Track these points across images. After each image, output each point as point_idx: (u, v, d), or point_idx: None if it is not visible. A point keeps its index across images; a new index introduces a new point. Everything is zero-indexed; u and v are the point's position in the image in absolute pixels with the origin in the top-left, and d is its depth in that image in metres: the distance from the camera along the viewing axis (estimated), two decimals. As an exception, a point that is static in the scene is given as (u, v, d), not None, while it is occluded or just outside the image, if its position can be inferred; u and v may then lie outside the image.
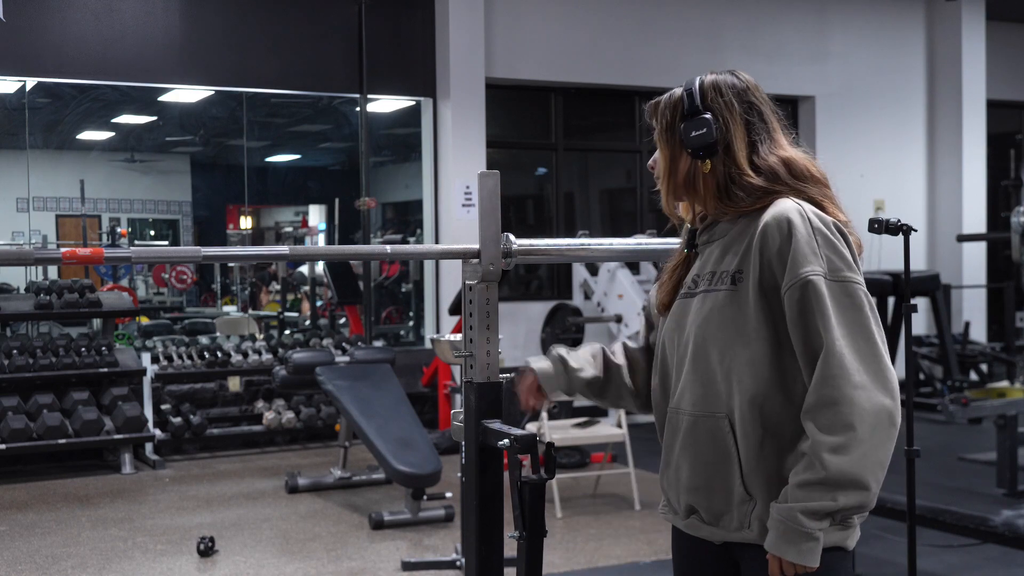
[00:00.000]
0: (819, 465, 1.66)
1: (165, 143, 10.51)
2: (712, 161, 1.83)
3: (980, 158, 10.33)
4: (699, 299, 1.84)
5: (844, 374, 1.65)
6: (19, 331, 7.81)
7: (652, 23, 9.09)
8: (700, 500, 1.84)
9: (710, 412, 1.80)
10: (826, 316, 1.67)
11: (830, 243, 1.73)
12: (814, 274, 1.69)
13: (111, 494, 6.12)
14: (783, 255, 1.72)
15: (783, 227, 1.73)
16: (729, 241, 1.84)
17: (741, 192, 1.81)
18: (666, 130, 1.88)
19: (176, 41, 7.65)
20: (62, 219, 9.81)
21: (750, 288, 1.75)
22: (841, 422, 1.65)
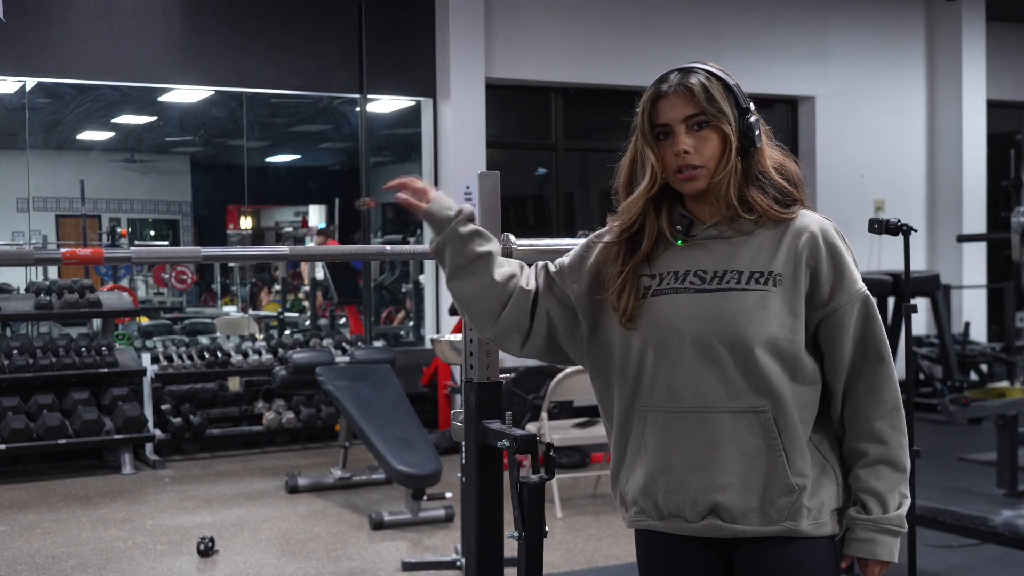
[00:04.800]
0: (903, 467, 1.83)
1: (165, 143, 10.51)
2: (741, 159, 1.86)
3: (980, 158, 10.33)
4: (726, 296, 1.81)
5: (896, 382, 1.86)
6: (19, 331, 7.81)
7: (652, 23, 9.09)
8: (729, 498, 1.81)
9: (750, 407, 1.79)
10: (879, 327, 1.84)
11: (856, 258, 1.88)
12: (865, 290, 1.84)
13: (111, 494, 6.12)
14: (835, 270, 1.82)
15: (830, 242, 1.84)
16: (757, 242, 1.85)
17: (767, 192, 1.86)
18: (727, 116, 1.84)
19: (176, 41, 7.65)
20: (62, 219, 9.82)
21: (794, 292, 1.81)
22: (903, 426, 1.85)
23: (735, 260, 1.83)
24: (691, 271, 1.85)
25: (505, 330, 1.99)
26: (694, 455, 1.81)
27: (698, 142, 1.83)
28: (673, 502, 1.84)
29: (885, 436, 1.83)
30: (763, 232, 1.84)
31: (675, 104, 1.84)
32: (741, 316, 1.79)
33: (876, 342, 1.84)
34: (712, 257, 1.85)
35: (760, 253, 1.83)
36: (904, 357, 3.43)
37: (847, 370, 1.84)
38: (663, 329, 1.83)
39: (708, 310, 1.81)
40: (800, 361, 1.81)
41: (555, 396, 5.71)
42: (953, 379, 8.51)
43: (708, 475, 1.81)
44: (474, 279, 1.97)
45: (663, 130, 1.85)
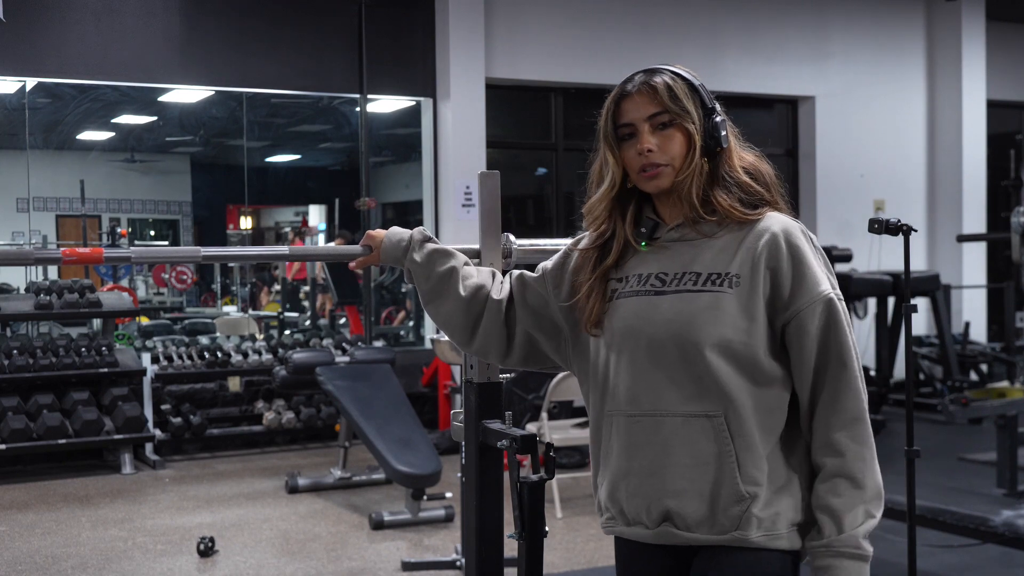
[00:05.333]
0: (862, 482, 1.73)
1: (165, 143, 10.51)
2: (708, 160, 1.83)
3: (980, 158, 10.33)
4: (680, 297, 1.78)
5: (860, 391, 1.76)
6: (19, 331, 7.81)
7: (652, 23, 9.09)
8: (682, 504, 1.76)
9: (703, 411, 1.75)
10: (844, 332, 1.76)
11: (827, 262, 1.81)
12: (828, 293, 1.76)
13: (111, 494, 6.12)
14: (796, 272, 1.76)
15: (792, 243, 1.77)
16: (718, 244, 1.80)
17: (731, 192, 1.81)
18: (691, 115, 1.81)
19: (176, 41, 7.65)
20: (62, 219, 9.82)
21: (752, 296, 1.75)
22: (867, 437, 1.75)
23: (695, 262, 1.80)
24: (654, 274, 1.83)
25: (484, 344, 2.01)
26: (649, 460, 1.78)
27: (662, 141, 1.80)
28: (634, 508, 1.81)
29: (843, 448, 1.73)
30: (726, 234, 1.80)
31: (639, 103, 1.81)
32: (693, 317, 1.75)
33: (839, 347, 1.76)
34: (674, 259, 1.83)
35: (721, 255, 1.79)
36: (904, 357, 3.43)
37: (810, 377, 1.76)
38: (622, 332, 1.82)
39: (664, 312, 1.79)
40: (758, 364, 1.75)
41: (555, 396, 5.71)
42: (953, 379, 8.50)
43: (662, 480, 1.77)
44: (443, 299, 2.02)
45: (628, 130, 1.83)
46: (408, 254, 2.07)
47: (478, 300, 2.00)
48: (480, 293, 2.00)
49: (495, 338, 2.00)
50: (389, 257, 2.10)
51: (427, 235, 2.10)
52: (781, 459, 1.77)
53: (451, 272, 2.02)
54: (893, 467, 6.61)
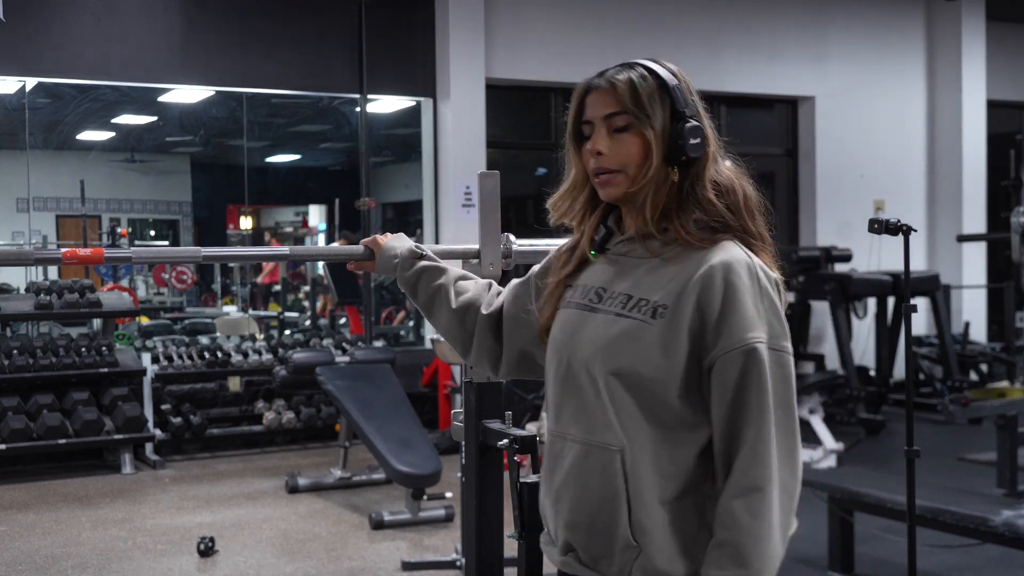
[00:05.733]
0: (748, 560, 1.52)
1: (165, 143, 10.51)
2: (679, 169, 1.64)
3: (980, 158, 10.33)
4: (605, 319, 1.63)
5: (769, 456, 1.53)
6: (19, 331, 7.81)
7: (652, 23, 9.09)
8: (579, 539, 1.63)
9: (604, 444, 1.59)
10: (763, 389, 1.53)
11: (774, 307, 1.58)
12: (758, 341, 1.54)
13: (111, 494, 6.12)
14: (725, 313, 1.54)
15: (730, 281, 1.55)
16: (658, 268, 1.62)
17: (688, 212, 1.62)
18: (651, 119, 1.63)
19: (176, 41, 7.65)
20: (62, 219, 9.81)
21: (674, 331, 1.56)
22: (765, 511, 1.52)
23: (629, 281, 1.64)
24: (595, 287, 1.69)
25: (479, 357, 1.96)
26: (559, 484, 1.66)
27: (616, 144, 1.65)
28: (550, 529, 1.72)
29: (735, 518, 1.51)
30: (672, 257, 1.62)
31: (599, 100, 1.69)
32: (608, 344, 1.60)
33: (756, 405, 1.53)
34: (616, 275, 1.67)
35: (656, 279, 1.61)
36: (904, 357, 3.43)
37: (721, 431, 1.56)
38: (554, 345, 1.71)
39: (588, 332, 1.64)
40: (668, 405, 1.56)
41: (555, 396, 5.70)
42: (953, 379, 8.51)
43: (565, 509, 1.64)
44: (438, 314, 2.00)
45: (588, 129, 1.71)
46: (397, 272, 2.07)
47: (470, 314, 1.95)
48: (471, 309, 1.95)
49: (488, 352, 1.94)
50: (382, 270, 2.12)
51: (419, 252, 2.06)
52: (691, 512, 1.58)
53: (439, 290, 1.99)
54: (893, 467, 6.62)
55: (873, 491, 4.37)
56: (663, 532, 1.57)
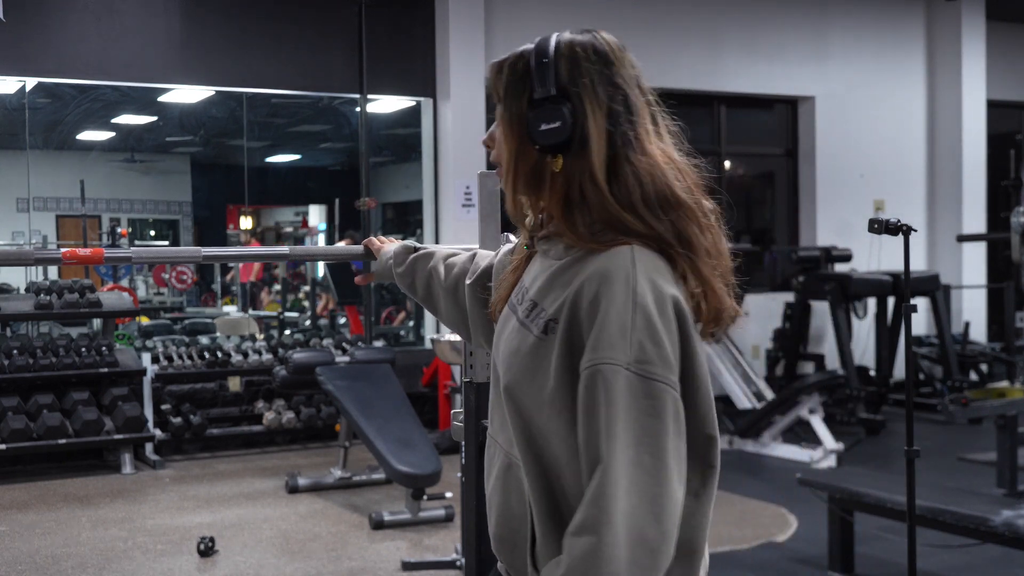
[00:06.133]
0: None
1: (165, 143, 10.51)
2: (564, 158, 1.41)
3: (980, 158, 10.33)
4: (514, 327, 1.46)
5: (617, 495, 1.28)
6: (19, 331, 7.81)
7: (652, 23, 9.09)
8: (504, 554, 1.49)
9: (510, 455, 1.45)
10: (613, 418, 1.29)
11: (651, 327, 1.31)
12: (611, 362, 1.30)
13: (111, 494, 6.12)
14: (590, 328, 1.33)
15: (599, 294, 1.34)
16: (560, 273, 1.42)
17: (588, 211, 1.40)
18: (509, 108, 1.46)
19: (176, 41, 7.65)
20: (62, 219, 9.82)
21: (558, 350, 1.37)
22: (596, 554, 1.28)
23: (537, 286, 1.45)
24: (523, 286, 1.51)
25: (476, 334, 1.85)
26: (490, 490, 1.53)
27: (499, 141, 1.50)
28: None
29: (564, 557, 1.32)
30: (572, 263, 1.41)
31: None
32: (509, 356, 1.44)
33: (603, 436, 1.30)
34: (532, 274, 1.50)
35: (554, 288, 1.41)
36: (904, 357, 3.43)
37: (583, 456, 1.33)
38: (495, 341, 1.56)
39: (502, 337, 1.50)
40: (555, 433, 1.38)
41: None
42: (953, 379, 8.51)
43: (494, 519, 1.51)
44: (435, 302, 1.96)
45: None
46: (393, 271, 2.06)
47: (460, 290, 1.85)
48: (460, 283, 1.86)
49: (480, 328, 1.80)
50: (381, 274, 2.12)
51: (410, 246, 2.05)
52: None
53: (431, 275, 1.95)
54: (893, 467, 6.61)
55: (873, 491, 4.37)
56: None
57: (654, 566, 1.29)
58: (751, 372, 7.89)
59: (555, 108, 1.40)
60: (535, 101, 1.42)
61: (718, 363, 7.89)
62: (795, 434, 7.21)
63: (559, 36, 1.48)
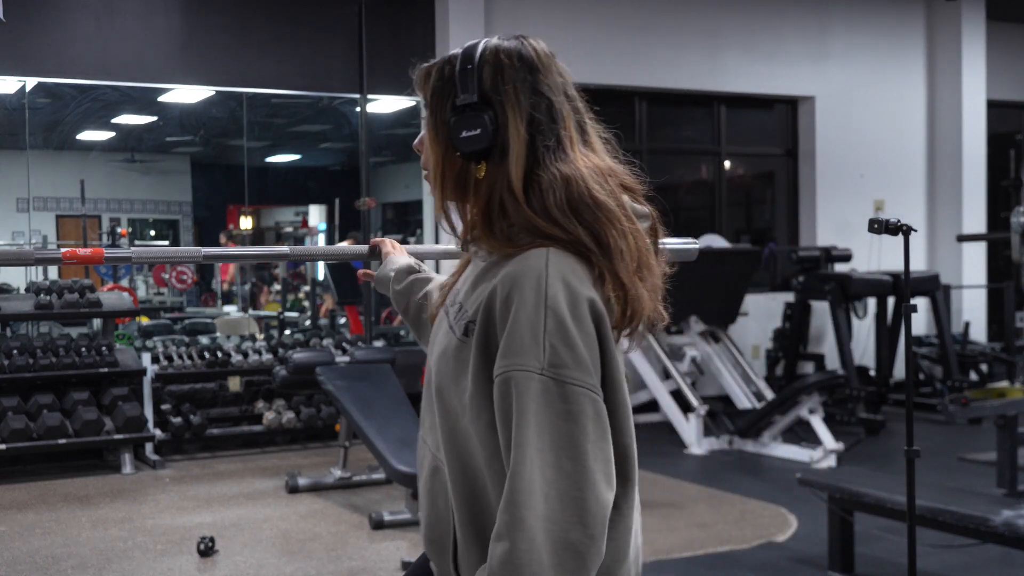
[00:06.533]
0: None
1: (165, 143, 10.51)
2: (487, 165, 1.42)
3: (980, 158, 10.33)
4: (444, 330, 1.47)
5: (530, 501, 1.27)
6: (19, 331, 7.81)
7: (652, 23, 9.09)
8: (434, 555, 1.50)
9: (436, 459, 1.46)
10: (525, 423, 1.29)
11: (563, 330, 1.31)
12: (523, 368, 1.30)
13: (111, 494, 6.12)
14: (502, 332, 1.34)
15: (510, 297, 1.33)
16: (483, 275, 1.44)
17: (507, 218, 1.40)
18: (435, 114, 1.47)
19: (176, 41, 7.65)
20: (62, 219, 9.82)
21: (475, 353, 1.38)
22: (512, 560, 1.27)
23: (465, 288, 1.48)
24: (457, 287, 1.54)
25: None
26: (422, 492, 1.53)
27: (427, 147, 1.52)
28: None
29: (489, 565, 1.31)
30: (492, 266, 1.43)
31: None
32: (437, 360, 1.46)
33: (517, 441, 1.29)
34: (464, 278, 1.52)
35: (477, 291, 1.43)
36: (904, 357, 3.43)
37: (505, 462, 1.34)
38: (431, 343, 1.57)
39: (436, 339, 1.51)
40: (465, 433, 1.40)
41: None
42: (953, 379, 8.51)
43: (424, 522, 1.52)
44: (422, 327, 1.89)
45: None
46: (391, 285, 2.01)
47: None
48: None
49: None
50: (380, 283, 2.06)
51: (413, 267, 2.00)
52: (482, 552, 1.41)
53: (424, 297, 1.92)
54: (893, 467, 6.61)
55: (873, 491, 4.37)
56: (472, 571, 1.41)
57: (582, 568, 1.28)
58: (751, 372, 7.89)
59: (476, 115, 1.40)
60: (457, 107, 1.42)
61: (718, 363, 7.89)
62: (795, 434, 7.21)
63: (487, 42, 1.46)
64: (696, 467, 6.92)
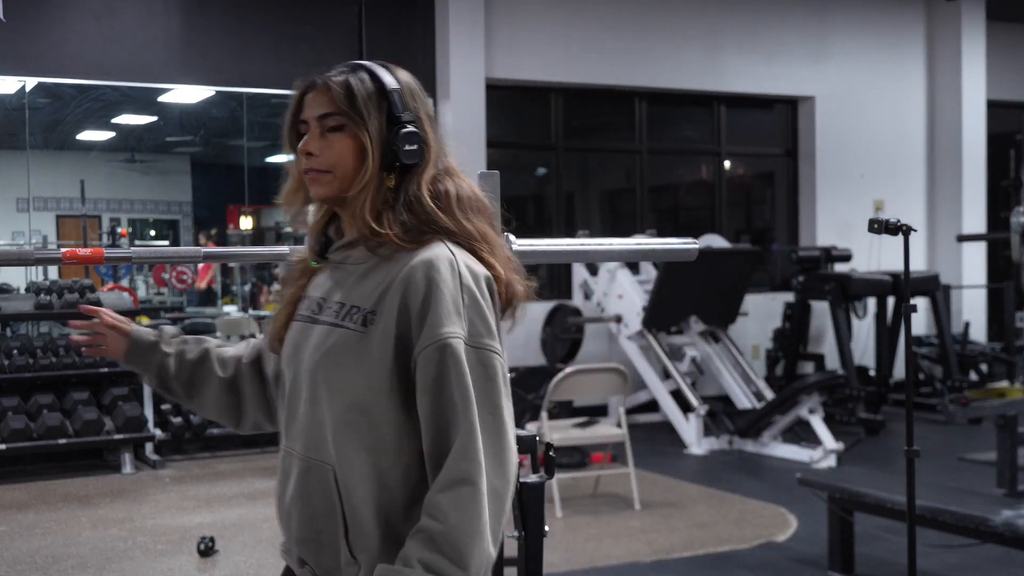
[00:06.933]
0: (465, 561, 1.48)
1: (165, 143, 10.51)
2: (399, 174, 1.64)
3: (980, 158, 10.33)
4: (322, 330, 1.62)
5: (477, 453, 1.50)
6: (19, 331, 7.81)
7: (652, 23, 9.09)
8: (310, 554, 1.63)
9: (320, 460, 1.59)
10: (464, 386, 1.51)
11: (476, 304, 1.56)
12: (454, 337, 1.52)
13: (111, 494, 6.12)
14: (424, 310, 1.53)
15: (430, 278, 1.54)
16: (368, 272, 1.62)
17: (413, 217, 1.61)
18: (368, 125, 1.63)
19: (176, 41, 7.65)
20: (62, 219, 9.82)
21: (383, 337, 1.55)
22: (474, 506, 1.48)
23: (343, 290, 1.63)
24: (315, 298, 1.68)
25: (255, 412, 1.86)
26: (288, 501, 1.66)
27: (326, 145, 1.64)
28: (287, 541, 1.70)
29: (443, 513, 1.47)
30: (380, 261, 1.61)
31: (315, 100, 1.69)
32: (324, 357, 1.59)
33: (459, 402, 1.50)
34: (331, 284, 1.67)
35: (366, 286, 1.60)
36: (904, 357, 3.43)
37: (429, 432, 1.53)
38: (284, 360, 1.70)
39: (306, 345, 1.64)
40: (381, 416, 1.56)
41: (555, 396, 5.71)
42: (953, 379, 8.51)
43: (294, 525, 1.64)
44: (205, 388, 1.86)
45: (304, 127, 1.70)
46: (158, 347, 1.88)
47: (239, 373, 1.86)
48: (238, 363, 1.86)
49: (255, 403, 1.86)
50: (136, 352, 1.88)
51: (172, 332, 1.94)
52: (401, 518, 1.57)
53: (205, 354, 1.87)
54: (893, 467, 6.61)
55: (873, 491, 4.37)
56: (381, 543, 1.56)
57: (502, 511, 1.53)
58: (751, 372, 7.89)
59: (414, 132, 1.64)
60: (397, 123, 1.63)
61: (718, 363, 7.89)
62: (795, 434, 7.21)
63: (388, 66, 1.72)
64: (696, 467, 6.92)
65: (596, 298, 8.33)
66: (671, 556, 4.82)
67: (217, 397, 1.87)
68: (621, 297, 8.04)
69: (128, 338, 1.89)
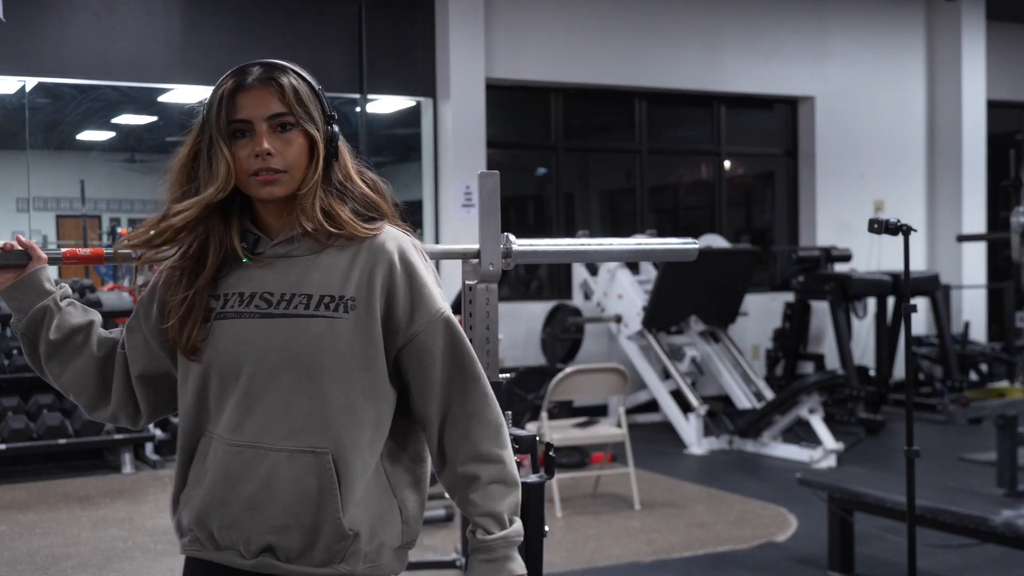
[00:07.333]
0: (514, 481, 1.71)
1: (165, 143, 10.50)
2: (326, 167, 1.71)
3: (980, 158, 10.33)
4: (290, 322, 1.63)
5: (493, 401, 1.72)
6: (19, 331, 7.81)
7: (652, 23, 9.09)
8: (283, 539, 1.65)
9: (310, 447, 1.62)
10: (466, 347, 1.70)
11: (436, 275, 1.75)
12: (446, 310, 1.70)
13: (111, 494, 6.12)
14: (412, 292, 1.67)
15: (408, 260, 1.68)
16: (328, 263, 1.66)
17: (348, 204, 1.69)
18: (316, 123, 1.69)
19: (176, 41, 7.65)
20: (62, 219, 9.81)
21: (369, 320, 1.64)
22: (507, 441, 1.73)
23: (305, 282, 1.65)
24: (258, 293, 1.66)
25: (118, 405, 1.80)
26: (249, 494, 1.64)
27: (283, 144, 1.64)
28: (227, 537, 1.69)
29: (496, 456, 1.69)
30: (335, 251, 1.66)
31: (260, 99, 1.67)
32: (308, 346, 1.62)
33: (467, 361, 1.69)
34: (280, 278, 1.66)
35: (332, 274, 1.65)
36: (904, 357, 3.43)
37: (439, 396, 1.68)
38: (226, 357, 1.65)
39: (274, 338, 1.63)
40: (379, 393, 1.66)
41: (555, 396, 5.71)
42: (953, 379, 8.51)
43: (263, 516, 1.64)
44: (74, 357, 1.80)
45: (241, 127, 1.66)
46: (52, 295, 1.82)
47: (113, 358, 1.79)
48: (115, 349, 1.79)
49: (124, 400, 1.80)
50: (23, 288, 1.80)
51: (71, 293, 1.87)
52: (387, 488, 1.70)
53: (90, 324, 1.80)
54: (893, 467, 6.61)
55: (873, 491, 4.37)
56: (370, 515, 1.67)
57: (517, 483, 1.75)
58: (751, 372, 7.89)
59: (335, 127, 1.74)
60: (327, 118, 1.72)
61: (718, 363, 7.89)
62: (795, 434, 7.21)
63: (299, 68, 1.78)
64: (696, 467, 6.92)
65: (596, 298, 8.33)
66: (671, 556, 4.82)
67: (82, 372, 1.79)
68: (621, 297, 8.04)
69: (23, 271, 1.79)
